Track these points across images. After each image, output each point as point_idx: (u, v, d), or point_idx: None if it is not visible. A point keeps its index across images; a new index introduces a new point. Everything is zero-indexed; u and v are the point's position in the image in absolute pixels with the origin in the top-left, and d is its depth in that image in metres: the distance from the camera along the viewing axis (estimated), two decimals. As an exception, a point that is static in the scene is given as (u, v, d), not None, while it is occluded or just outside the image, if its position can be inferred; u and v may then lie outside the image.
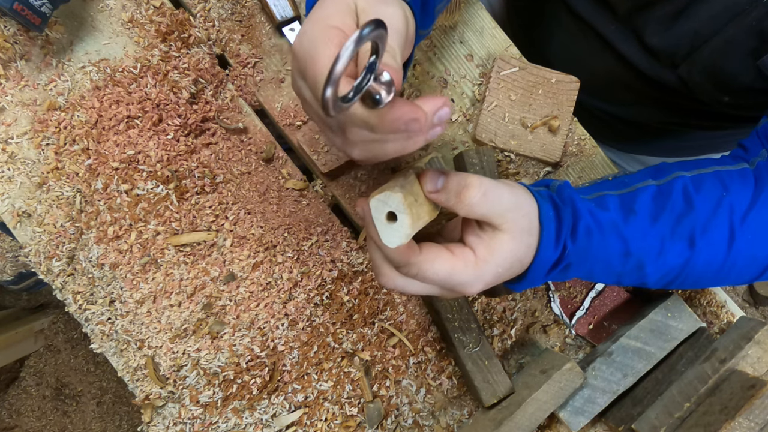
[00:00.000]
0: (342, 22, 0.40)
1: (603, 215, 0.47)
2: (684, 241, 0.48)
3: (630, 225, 0.47)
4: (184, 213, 0.65)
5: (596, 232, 0.46)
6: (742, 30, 0.59)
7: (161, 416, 0.63)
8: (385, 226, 0.40)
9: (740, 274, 0.52)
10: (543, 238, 0.45)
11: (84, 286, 0.64)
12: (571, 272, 0.49)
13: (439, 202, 0.43)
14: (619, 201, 0.48)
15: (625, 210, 0.48)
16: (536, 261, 0.45)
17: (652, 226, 0.47)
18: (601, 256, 0.48)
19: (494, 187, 0.43)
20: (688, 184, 0.49)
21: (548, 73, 0.69)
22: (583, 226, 0.46)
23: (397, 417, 0.65)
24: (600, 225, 0.47)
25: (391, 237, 0.40)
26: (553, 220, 0.45)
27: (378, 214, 0.40)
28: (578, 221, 0.46)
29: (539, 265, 0.46)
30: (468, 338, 0.62)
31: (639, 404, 0.63)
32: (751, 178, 0.51)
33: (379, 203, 0.40)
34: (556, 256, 0.46)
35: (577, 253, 0.47)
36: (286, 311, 0.65)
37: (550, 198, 0.47)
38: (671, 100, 0.75)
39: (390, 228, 0.40)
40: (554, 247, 0.45)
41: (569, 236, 0.46)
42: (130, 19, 0.67)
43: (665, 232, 0.48)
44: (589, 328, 0.69)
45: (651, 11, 0.65)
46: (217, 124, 0.67)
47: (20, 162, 0.64)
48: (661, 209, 0.48)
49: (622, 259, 0.48)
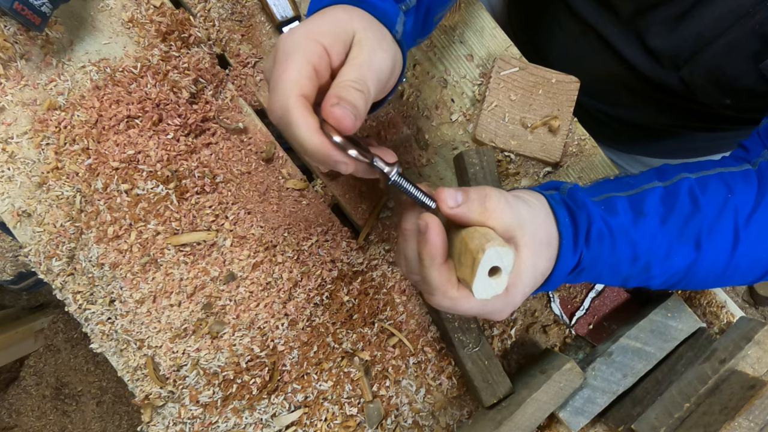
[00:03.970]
0: (330, 44, 0.40)
1: (613, 220, 0.47)
2: (690, 244, 0.48)
3: (639, 229, 0.47)
4: (184, 213, 0.65)
5: (607, 237, 0.47)
6: (745, 33, 0.59)
7: (161, 416, 0.63)
8: (484, 277, 0.39)
9: (743, 276, 0.52)
10: (563, 247, 0.45)
11: (84, 285, 0.64)
12: (581, 278, 0.49)
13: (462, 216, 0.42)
14: (629, 203, 0.48)
15: (635, 212, 0.48)
16: (556, 269, 0.46)
17: (661, 228, 0.48)
18: (611, 261, 0.48)
19: (513, 197, 0.43)
20: (694, 185, 0.50)
21: (548, 73, 0.69)
22: (596, 231, 0.46)
23: (397, 417, 0.65)
24: (611, 230, 0.47)
25: (485, 290, 0.39)
26: (570, 227, 0.46)
27: (485, 265, 0.38)
28: (592, 225, 0.46)
29: (558, 273, 0.46)
30: (468, 338, 0.62)
31: (639, 404, 0.63)
32: (754, 180, 0.51)
33: (492, 254, 0.38)
34: (574, 263, 0.46)
35: (590, 259, 0.47)
36: (286, 311, 0.65)
37: (563, 203, 0.47)
38: (673, 102, 0.75)
39: (487, 281, 0.39)
40: (572, 253, 0.46)
41: (584, 242, 0.46)
42: (130, 19, 0.67)
43: (673, 235, 0.48)
44: (589, 328, 0.69)
45: (654, 13, 0.65)
46: (217, 124, 0.67)
47: (20, 162, 0.64)
48: (669, 211, 0.48)
49: (630, 263, 0.48)
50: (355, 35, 0.41)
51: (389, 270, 0.68)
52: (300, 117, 0.38)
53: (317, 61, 0.39)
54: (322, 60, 0.40)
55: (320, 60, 0.40)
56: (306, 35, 0.40)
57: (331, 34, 0.40)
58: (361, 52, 0.40)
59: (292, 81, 0.38)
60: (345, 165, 0.40)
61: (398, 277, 0.68)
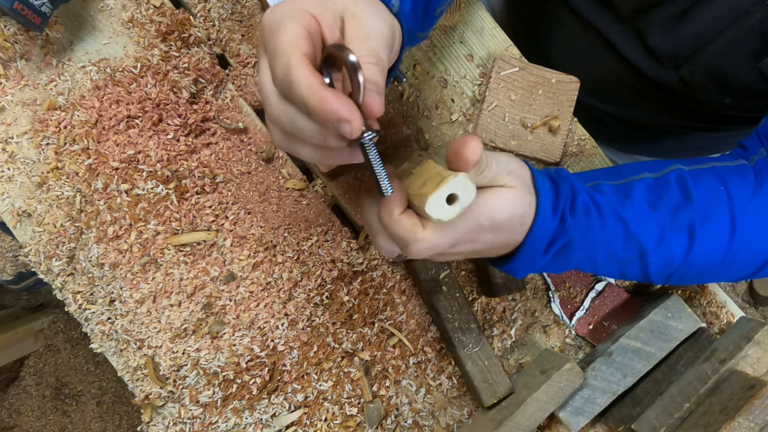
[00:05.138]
0: (319, 12, 0.38)
1: (600, 198, 0.47)
2: (683, 232, 0.48)
3: (627, 209, 0.47)
4: (184, 213, 0.65)
5: (594, 211, 0.46)
6: (745, 31, 0.59)
7: (161, 416, 0.63)
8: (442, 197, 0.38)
9: (742, 268, 0.51)
10: (540, 204, 0.44)
11: (84, 285, 0.64)
12: (573, 255, 0.47)
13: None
14: (615, 188, 0.48)
15: (622, 195, 0.48)
16: (535, 227, 0.44)
17: (650, 213, 0.47)
18: (602, 238, 0.47)
19: (493, 152, 0.43)
20: (685, 175, 0.49)
21: (548, 73, 0.69)
22: (582, 203, 0.46)
23: (397, 417, 0.65)
24: (598, 205, 0.46)
25: (437, 209, 0.38)
26: (550, 191, 0.45)
27: (450, 186, 0.38)
28: (576, 197, 0.46)
29: (538, 234, 0.44)
30: (468, 338, 0.62)
31: (639, 404, 0.63)
32: (750, 173, 0.51)
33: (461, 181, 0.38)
34: (554, 226, 0.45)
35: (577, 230, 0.45)
36: (286, 311, 0.65)
37: (545, 173, 0.47)
38: (672, 101, 0.75)
39: (443, 202, 0.38)
40: (552, 215, 0.44)
41: (568, 209, 0.45)
42: (130, 19, 0.67)
43: (664, 220, 0.47)
44: (589, 328, 0.69)
45: (654, 12, 0.65)
46: (217, 124, 0.67)
47: (20, 162, 0.64)
48: (658, 199, 0.48)
49: (623, 242, 0.47)
50: (347, 9, 0.39)
51: (389, 270, 0.68)
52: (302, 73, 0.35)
53: (309, 26, 0.37)
54: (312, 26, 0.38)
55: (310, 27, 0.38)
56: (293, 6, 0.38)
57: (319, 4, 0.39)
58: (361, 24, 0.39)
59: (290, 43, 0.36)
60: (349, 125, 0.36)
61: (398, 277, 0.68)
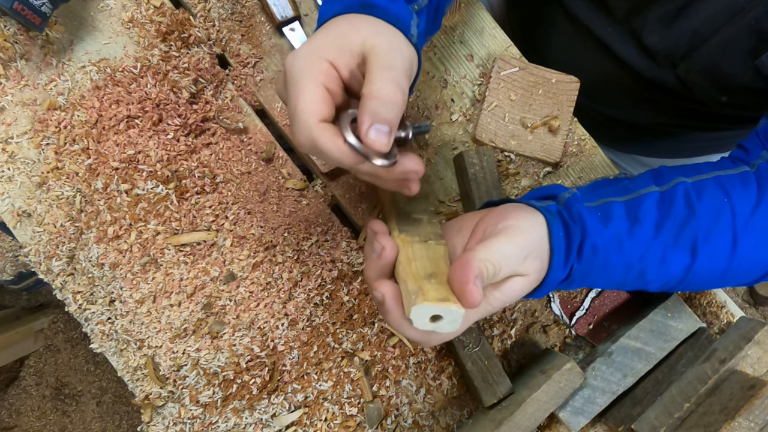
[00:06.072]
0: (335, 57, 0.41)
1: (608, 229, 0.47)
2: (686, 250, 0.48)
3: (634, 237, 0.47)
4: (184, 213, 0.65)
5: (601, 249, 0.47)
6: (741, 29, 0.59)
7: (161, 416, 0.63)
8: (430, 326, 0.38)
9: (743, 278, 0.52)
10: (553, 263, 0.45)
11: (84, 285, 0.64)
12: (572, 287, 0.50)
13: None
14: (625, 209, 0.48)
15: (631, 219, 0.48)
16: (544, 284, 0.46)
17: (655, 236, 0.48)
18: (604, 271, 0.48)
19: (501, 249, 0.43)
20: (690, 190, 0.49)
21: (548, 73, 0.69)
22: (590, 245, 0.46)
23: (397, 417, 0.65)
24: (605, 242, 0.47)
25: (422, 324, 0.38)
26: (563, 241, 0.46)
27: (420, 322, 0.38)
28: (585, 239, 0.46)
29: (546, 287, 0.47)
30: (468, 338, 0.62)
31: (639, 404, 0.63)
32: (752, 182, 0.50)
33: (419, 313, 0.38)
34: (563, 277, 0.47)
35: (581, 271, 0.47)
36: (286, 311, 0.65)
37: (559, 215, 0.47)
38: (669, 101, 0.75)
39: (437, 326, 0.38)
40: (563, 269, 0.46)
41: (575, 255, 0.46)
42: (130, 19, 0.67)
43: (668, 242, 0.48)
44: (589, 328, 0.69)
45: (649, 11, 0.65)
46: (217, 124, 0.67)
47: (20, 162, 0.64)
48: (664, 217, 0.48)
49: (624, 271, 0.49)
50: (366, 42, 0.41)
51: (389, 270, 0.68)
52: (328, 142, 0.40)
53: (326, 80, 0.40)
54: (330, 77, 0.41)
55: (328, 78, 0.41)
56: (308, 54, 0.41)
57: (335, 48, 0.41)
58: (381, 57, 0.40)
59: (308, 111, 0.39)
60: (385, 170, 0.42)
61: (398, 277, 0.68)
